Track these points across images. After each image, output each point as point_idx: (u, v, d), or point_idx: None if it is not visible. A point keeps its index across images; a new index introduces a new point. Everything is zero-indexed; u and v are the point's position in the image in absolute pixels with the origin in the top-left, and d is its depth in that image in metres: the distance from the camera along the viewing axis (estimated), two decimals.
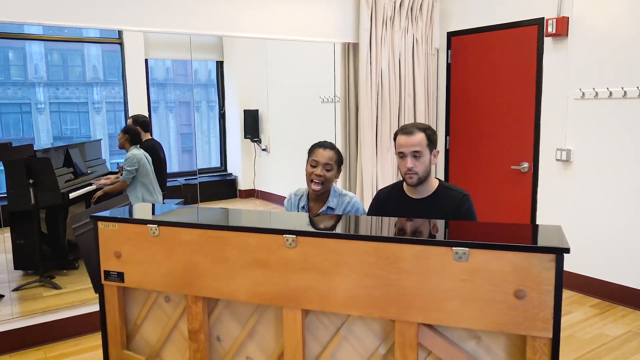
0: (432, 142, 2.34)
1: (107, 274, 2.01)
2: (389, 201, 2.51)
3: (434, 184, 2.42)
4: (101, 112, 6.46)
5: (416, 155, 2.29)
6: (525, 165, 4.39)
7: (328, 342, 1.80)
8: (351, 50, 4.49)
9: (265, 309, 1.87)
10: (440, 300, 1.60)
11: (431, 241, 1.61)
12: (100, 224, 1.99)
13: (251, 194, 6.94)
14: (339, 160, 2.60)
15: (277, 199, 6.61)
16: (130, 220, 1.98)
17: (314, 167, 2.54)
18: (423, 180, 2.34)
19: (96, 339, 3.47)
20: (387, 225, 1.96)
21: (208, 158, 6.96)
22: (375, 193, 4.52)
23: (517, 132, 4.45)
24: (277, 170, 6.81)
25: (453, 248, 1.57)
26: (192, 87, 6.81)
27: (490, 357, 1.62)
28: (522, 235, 1.84)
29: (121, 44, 5.45)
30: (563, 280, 1.50)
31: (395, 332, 1.67)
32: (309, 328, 1.82)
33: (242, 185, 6.93)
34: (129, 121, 4.76)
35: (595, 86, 3.88)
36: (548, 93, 4.20)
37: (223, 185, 6.89)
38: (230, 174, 6.96)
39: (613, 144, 3.84)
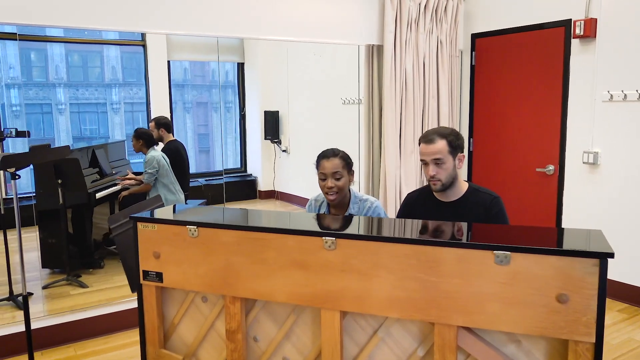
0: (455, 148, 2.32)
1: (146, 273, 2.04)
2: (418, 204, 2.51)
3: (463, 186, 2.42)
4: (119, 113, 6.54)
5: (438, 162, 2.29)
6: (551, 167, 4.36)
7: (365, 343, 1.81)
8: (375, 52, 4.50)
9: (303, 310, 1.89)
10: (481, 303, 1.61)
11: (473, 244, 1.62)
12: (140, 225, 2.03)
13: (271, 194, 6.97)
14: (348, 164, 2.54)
15: (297, 200, 6.64)
16: (170, 221, 2.00)
17: (323, 180, 2.51)
18: (448, 185, 2.34)
19: (124, 337, 3.52)
20: (427, 228, 1.96)
21: (227, 159, 7.02)
22: (398, 195, 4.54)
23: (542, 134, 4.42)
24: (297, 172, 6.84)
25: (494, 252, 1.58)
26: (219, 87, 6.87)
27: None
28: (563, 239, 1.84)
29: (144, 45, 5.52)
30: (607, 284, 1.50)
31: (435, 334, 1.67)
32: (346, 329, 1.83)
33: (262, 186, 6.97)
34: (151, 124, 4.79)
35: (624, 88, 3.85)
36: (575, 95, 4.16)
37: (243, 186, 6.93)
38: (250, 175, 7.00)
39: None
